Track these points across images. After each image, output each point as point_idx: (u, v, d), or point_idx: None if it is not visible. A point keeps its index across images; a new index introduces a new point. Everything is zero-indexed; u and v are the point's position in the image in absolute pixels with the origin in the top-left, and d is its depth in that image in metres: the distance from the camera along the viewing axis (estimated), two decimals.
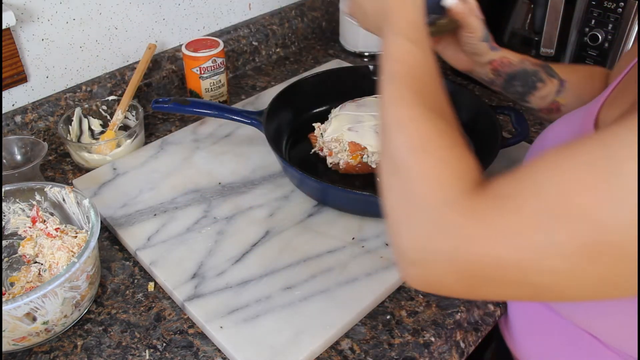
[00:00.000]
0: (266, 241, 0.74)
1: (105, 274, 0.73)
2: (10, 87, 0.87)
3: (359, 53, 1.23)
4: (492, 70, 0.77)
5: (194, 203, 0.80)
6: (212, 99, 1.01)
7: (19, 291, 0.65)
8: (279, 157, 0.78)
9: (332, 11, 1.31)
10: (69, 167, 0.91)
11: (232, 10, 1.14)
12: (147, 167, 0.87)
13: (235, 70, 1.16)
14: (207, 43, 0.98)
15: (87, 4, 0.91)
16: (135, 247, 0.74)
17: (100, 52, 0.97)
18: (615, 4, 0.90)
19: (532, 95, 0.77)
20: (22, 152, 0.84)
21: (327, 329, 0.63)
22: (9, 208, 0.72)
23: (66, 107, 0.93)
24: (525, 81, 0.76)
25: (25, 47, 0.87)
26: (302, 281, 0.69)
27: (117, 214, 0.78)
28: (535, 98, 0.78)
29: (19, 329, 0.59)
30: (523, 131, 0.82)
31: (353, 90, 0.96)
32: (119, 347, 0.64)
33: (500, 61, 0.76)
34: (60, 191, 0.71)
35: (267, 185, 0.84)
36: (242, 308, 0.66)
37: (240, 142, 0.92)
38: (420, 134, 0.46)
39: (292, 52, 1.25)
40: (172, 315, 0.68)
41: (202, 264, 0.71)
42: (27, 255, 0.70)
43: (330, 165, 0.85)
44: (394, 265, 0.71)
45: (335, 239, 0.75)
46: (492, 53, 0.75)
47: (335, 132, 0.82)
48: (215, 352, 0.63)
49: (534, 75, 0.76)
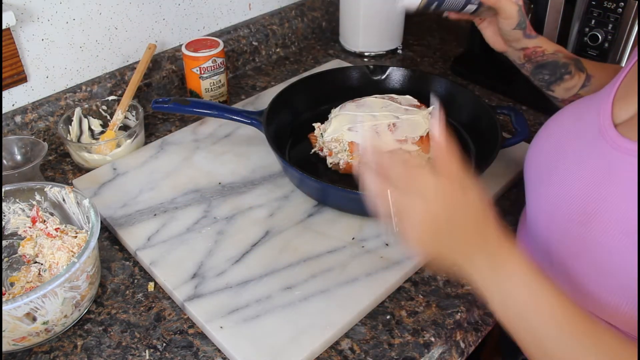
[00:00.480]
0: (266, 241, 0.74)
1: (105, 274, 0.73)
2: (10, 87, 0.87)
3: (359, 53, 1.23)
4: (524, 56, 0.78)
5: (194, 203, 0.80)
6: (212, 99, 1.01)
7: (19, 291, 0.65)
8: (279, 157, 0.78)
9: (332, 11, 1.31)
10: (69, 167, 0.91)
11: (232, 10, 1.14)
12: (147, 167, 0.87)
13: (235, 70, 1.16)
14: (207, 43, 0.98)
15: (87, 4, 0.91)
16: (135, 247, 0.74)
17: (100, 52, 0.97)
18: (615, 4, 0.90)
19: (558, 85, 0.78)
20: (22, 152, 0.84)
21: (327, 329, 0.63)
22: (9, 208, 0.72)
23: (66, 107, 0.93)
24: (553, 71, 0.77)
25: (25, 47, 0.87)
26: (302, 281, 0.69)
27: (117, 214, 0.78)
28: (560, 89, 0.78)
29: (19, 329, 0.59)
30: (523, 131, 0.82)
31: (353, 90, 0.97)
32: (119, 347, 0.64)
33: (534, 49, 0.77)
34: (60, 191, 0.71)
35: (267, 185, 0.84)
36: (242, 308, 0.66)
37: (240, 142, 0.92)
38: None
39: (292, 52, 1.25)
40: (172, 315, 0.68)
41: (202, 264, 0.71)
42: (27, 255, 0.70)
43: (330, 165, 0.85)
44: (394, 265, 0.71)
45: (335, 239, 0.75)
46: (526, 40, 0.76)
47: (335, 132, 0.82)
48: (215, 352, 0.63)
49: (564, 67, 0.77)
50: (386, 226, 0.51)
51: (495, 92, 1.10)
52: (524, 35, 0.75)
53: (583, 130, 0.60)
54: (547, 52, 0.77)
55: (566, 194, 0.58)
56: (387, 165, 0.51)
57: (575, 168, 0.59)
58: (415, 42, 1.29)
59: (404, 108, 0.85)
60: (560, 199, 0.58)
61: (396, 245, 0.74)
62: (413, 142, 0.81)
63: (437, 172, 0.50)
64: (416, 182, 0.50)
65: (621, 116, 0.57)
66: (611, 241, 0.53)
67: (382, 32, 1.20)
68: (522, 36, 0.75)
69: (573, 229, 0.56)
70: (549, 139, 0.66)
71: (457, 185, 0.50)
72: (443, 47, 1.28)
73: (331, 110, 0.89)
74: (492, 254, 0.50)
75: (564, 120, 0.65)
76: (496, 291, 0.50)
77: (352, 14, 1.19)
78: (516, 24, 0.73)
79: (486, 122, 0.86)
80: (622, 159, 0.54)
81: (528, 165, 0.69)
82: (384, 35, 1.21)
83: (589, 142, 0.59)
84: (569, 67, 0.77)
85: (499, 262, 0.50)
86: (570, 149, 0.61)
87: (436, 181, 0.49)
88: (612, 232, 0.53)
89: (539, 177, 0.64)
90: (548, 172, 0.63)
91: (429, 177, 0.49)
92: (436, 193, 0.49)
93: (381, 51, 1.23)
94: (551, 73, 0.77)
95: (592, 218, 0.54)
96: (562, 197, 0.58)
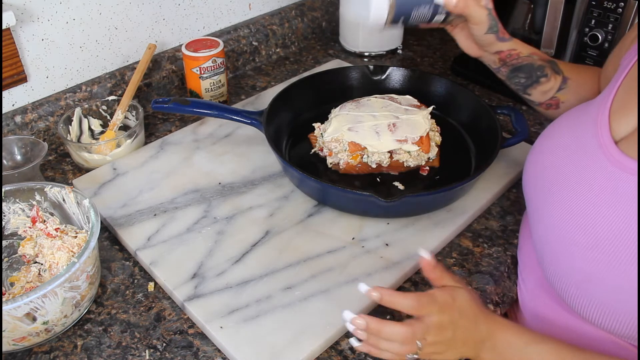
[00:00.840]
0: (266, 241, 0.74)
1: (105, 274, 0.73)
2: (10, 87, 0.87)
3: (359, 53, 1.23)
4: (500, 60, 0.77)
5: (194, 203, 0.80)
6: (212, 99, 1.01)
7: (19, 291, 0.65)
8: (279, 157, 0.78)
9: (332, 11, 1.31)
10: (69, 167, 0.91)
11: (232, 10, 1.14)
12: (147, 167, 0.87)
13: (235, 70, 1.16)
14: (207, 43, 0.98)
15: (87, 4, 0.91)
16: (135, 247, 0.74)
17: (100, 52, 0.97)
18: (615, 4, 0.90)
19: (534, 88, 0.77)
20: (22, 152, 0.84)
21: (327, 329, 0.63)
22: (9, 208, 0.72)
23: (66, 107, 0.93)
24: (529, 74, 0.76)
25: (25, 47, 0.87)
26: (302, 281, 0.69)
27: (117, 214, 0.78)
28: (537, 92, 0.78)
29: (19, 329, 0.59)
30: (523, 131, 0.82)
31: (353, 90, 0.97)
32: (119, 347, 0.64)
33: (509, 52, 0.76)
34: (60, 191, 0.71)
35: (267, 185, 0.84)
36: (242, 308, 0.66)
37: (240, 142, 0.92)
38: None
39: (292, 52, 1.25)
40: (172, 315, 0.68)
41: (202, 264, 0.71)
42: (27, 255, 0.70)
43: (330, 165, 0.85)
44: (394, 265, 0.71)
45: (335, 239, 0.75)
46: (499, 44, 0.75)
47: (335, 132, 0.82)
48: (215, 352, 0.63)
49: (540, 70, 0.76)
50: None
51: (495, 92, 1.10)
52: (497, 38, 0.74)
53: (581, 145, 0.59)
54: (522, 55, 0.76)
55: (571, 216, 0.56)
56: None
57: (578, 188, 0.57)
58: (415, 42, 1.29)
59: (404, 108, 0.85)
60: (566, 222, 0.57)
61: (396, 245, 0.74)
62: (413, 142, 0.81)
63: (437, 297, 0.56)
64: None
65: (620, 131, 0.56)
66: (622, 265, 0.51)
67: (382, 32, 1.20)
68: (496, 40, 0.74)
69: (582, 253, 0.55)
70: (543, 154, 0.64)
71: (450, 297, 0.56)
72: (443, 47, 1.28)
73: (331, 110, 0.89)
74: (488, 339, 0.57)
75: (558, 134, 0.64)
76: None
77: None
78: (487, 29, 0.72)
79: (486, 122, 0.86)
80: (627, 179, 0.52)
81: (526, 185, 0.67)
82: (384, 35, 1.21)
83: (589, 160, 0.57)
84: (544, 69, 0.76)
85: (496, 342, 0.57)
86: (569, 166, 0.59)
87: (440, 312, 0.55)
88: (622, 255, 0.51)
89: (539, 194, 0.63)
90: (548, 190, 0.61)
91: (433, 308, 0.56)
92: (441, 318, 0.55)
93: (381, 51, 1.23)
94: (527, 76, 0.76)
95: (600, 241, 0.53)
96: (567, 220, 0.57)
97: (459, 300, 0.56)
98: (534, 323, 0.69)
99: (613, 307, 0.54)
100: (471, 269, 0.73)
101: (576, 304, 0.57)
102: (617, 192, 0.53)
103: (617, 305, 0.54)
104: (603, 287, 0.53)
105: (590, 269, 0.54)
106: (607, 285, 0.53)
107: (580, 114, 0.63)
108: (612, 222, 0.52)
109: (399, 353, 0.55)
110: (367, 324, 0.54)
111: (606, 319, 0.55)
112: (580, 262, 0.55)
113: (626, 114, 0.56)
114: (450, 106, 0.95)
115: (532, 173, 0.65)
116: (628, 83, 0.58)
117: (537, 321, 0.68)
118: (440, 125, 0.89)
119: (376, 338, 0.55)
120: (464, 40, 0.78)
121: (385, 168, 0.83)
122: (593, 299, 0.55)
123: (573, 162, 0.59)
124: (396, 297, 0.55)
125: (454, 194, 0.78)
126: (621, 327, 0.55)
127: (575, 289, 0.56)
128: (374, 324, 0.54)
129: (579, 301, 0.57)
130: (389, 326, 0.54)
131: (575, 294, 0.56)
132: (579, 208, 0.56)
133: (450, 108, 0.95)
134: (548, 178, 0.62)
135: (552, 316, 0.65)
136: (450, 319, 0.55)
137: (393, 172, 0.84)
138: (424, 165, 0.84)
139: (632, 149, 0.53)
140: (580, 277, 0.55)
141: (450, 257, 0.75)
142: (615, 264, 0.52)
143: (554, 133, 0.65)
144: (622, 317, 0.54)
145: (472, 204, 0.80)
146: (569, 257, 0.56)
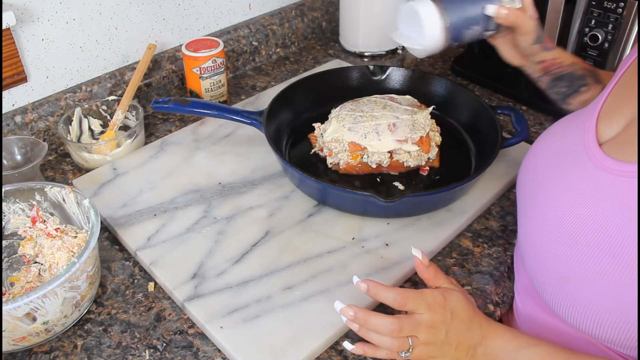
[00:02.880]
0: (266, 241, 0.74)
1: (105, 274, 0.73)
2: (10, 87, 0.87)
3: (359, 53, 1.23)
4: (542, 69, 0.77)
5: (194, 203, 0.80)
6: (212, 99, 1.01)
7: (19, 291, 0.65)
8: (279, 157, 0.78)
9: (332, 11, 1.31)
10: (69, 167, 0.91)
11: (232, 10, 1.14)
12: (147, 167, 0.87)
13: (235, 70, 1.16)
14: (207, 43, 0.98)
15: (87, 4, 0.91)
16: (135, 247, 0.74)
17: (100, 52, 0.97)
18: (615, 4, 0.90)
19: (574, 98, 0.77)
20: (22, 152, 0.84)
21: (327, 329, 0.63)
22: (9, 208, 0.72)
23: (66, 107, 0.93)
24: (570, 84, 0.76)
25: (25, 47, 0.87)
26: (302, 281, 0.69)
27: (117, 214, 0.78)
28: (577, 101, 0.77)
29: (19, 329, 0.59)
30: (523, 131, 0.82)
31: (353, 90, 0.97)
32: (119, 347, 0.64)
33: (551, 62, 0.75)
34: (60, 191, 0.71)
35: (267, 185, 0.84)
36: (242, 308, 0.66)
37: (240, 142, 0.92)
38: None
39: (292, 52, 1.25)
40: (172, 316, 0.68)
41: (202, 264, 0.71)
42: (27, 255, 0.70)
43: (330, 165, 0.85)
44: (394, 265, 0.71)
45: (335, 239, 0.75)
46: (543, 54, 0.75)
47: (335, 132, 0.82)
48: (215, 352, 0.63)
49: (581, 79, 0.76)
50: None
51: (495, 92, 1.10)
52: (542, 48, 0.73)
53: (568, 149, 0.60)
54: (564, 64, 0.75)
55: (553, 215, 0.57)
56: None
57: (560, 188, 0.58)
58: None
59: (404, 108, 0.85)
60: (547, 220, 0.58)
61: (396, 246, 0.74)
62: (413, 142, 0.81)
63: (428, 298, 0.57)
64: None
65: (605, 134, 0.57)
66: (599, 264, 0.51)
67: (382, 32, 1.20)
68: (540, 49, 0.74)
69: (561, 250, 0.55)
70: (535, 158, 0.65)
71: (442, 297, 0.57)
72: None
73: (331, 110, 0.89)
74: (480, 345, 0.57)
75: (549, 139, 0.65)
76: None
77: (352, 14, 1.19)
78: (535, 39, 0.72)
79: (486, 122, 0.86)
80: (607, 179, 0.53)
81: (518, 186, 0.68)
82: (384, 35, 1.21)
83: (573, 161, 0.58)
84: (586, 78, 0.75)
85: (487, 348, 0.57)
86: (555, 168, 0.60)
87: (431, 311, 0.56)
88: (599, 254, 0.52)
89: (526, 197, 0.64)
90: (535, 192, 0.62)
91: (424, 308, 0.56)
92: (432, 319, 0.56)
93: (381, 51, 1.23)
94: (568, 85, 0.76)
95: (579, 240, 0.53)
96: (549, 218, 0.57)
97: (452, 301, 0.57)
98: (528, 326, 0.69)
99: (590, 307, 0.54)
100: (471, 269, 0.73)
101: (555, 303, 0.58)
102: (596, 191, 0.54)
103: (593, 306, 0.54)
104: (580, 287, 0.54)
105: (568, 266, 0.54)
106: (585, 284, 0.53)
107: (572, 119, 0.64)
108: (589, 221, 0.53)
109: (390, 348, 0.55)
110: (355, 313, 0.55)
111: (584, 320, 0.55)
112: (557, 259, 0.55)
113: (611, 118, 0.57)
114: (450, 106, 0.95)
115: (524, 175, 0.66)
116: (617, 89, 0.59)
117: (530, 324, 0.68)
118: (440, 125, 0.89)
119: (366, 330, 0.56)
120: (509, 50, 0.77)
121: (385, 168, 0.83)
122: (570, 297, 0.55)
123: (559, 164, 0.60)
124: (381, 289, 0.56)
125: (454, 194, 0.78)
126: (598, 328, 0.54)
127: (551, 287, 0.57)
128: (362, 313, 0.55)
129: (556, 299, 0.57)
130: (376, 317, 0.55)
131: (553, 291, 0.57)
132: (559, 207, 0.56)
133: (450, 108, 0.95)
134: (535, 179, 0.63)
135: (542, 319, 0.65)
136: (441, 319, 0.55)
137: (393, 172, 0.84)
138: (424, 166, 0.84)
139: (616, 151, 0.54)
140: (557, 275, 0.56)
141: (450, 257, 0.75)
142: (591, 264, 0.52)
143: (547, 138, 0.66)
144: (598, 317, 0.54)
145: (472, 204, 0.80)
146: (548, 255, 0.57)
